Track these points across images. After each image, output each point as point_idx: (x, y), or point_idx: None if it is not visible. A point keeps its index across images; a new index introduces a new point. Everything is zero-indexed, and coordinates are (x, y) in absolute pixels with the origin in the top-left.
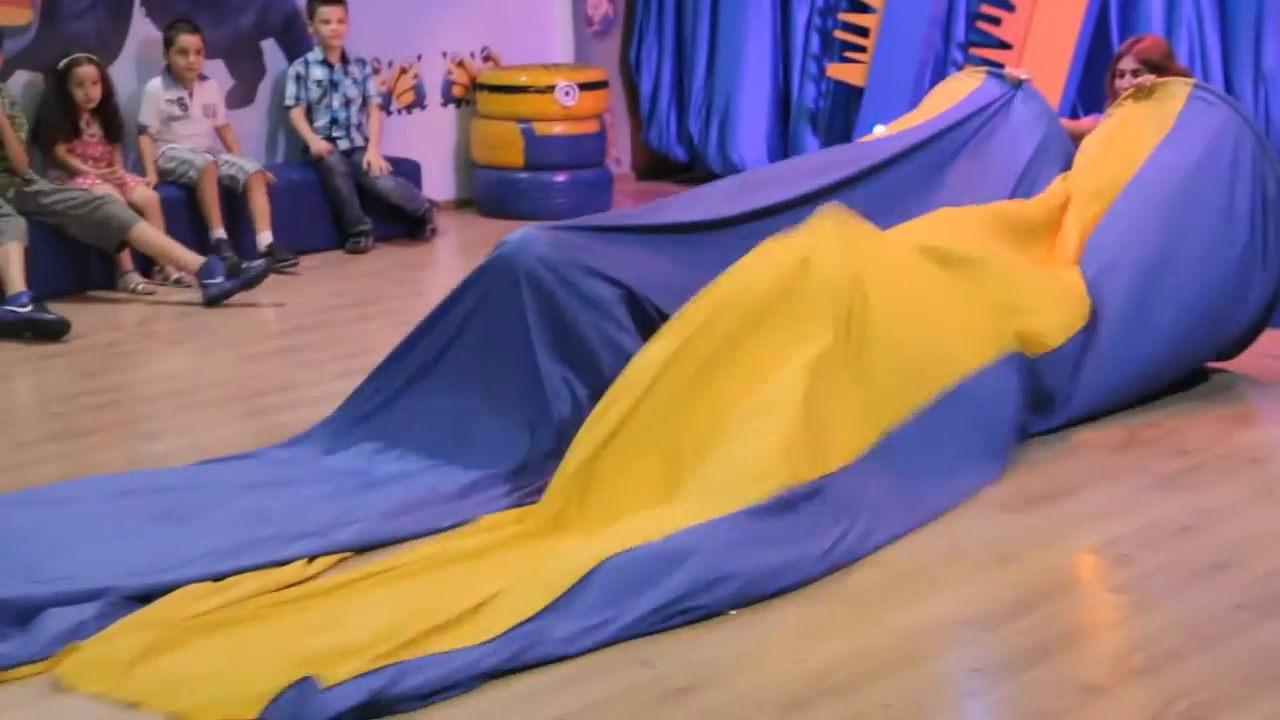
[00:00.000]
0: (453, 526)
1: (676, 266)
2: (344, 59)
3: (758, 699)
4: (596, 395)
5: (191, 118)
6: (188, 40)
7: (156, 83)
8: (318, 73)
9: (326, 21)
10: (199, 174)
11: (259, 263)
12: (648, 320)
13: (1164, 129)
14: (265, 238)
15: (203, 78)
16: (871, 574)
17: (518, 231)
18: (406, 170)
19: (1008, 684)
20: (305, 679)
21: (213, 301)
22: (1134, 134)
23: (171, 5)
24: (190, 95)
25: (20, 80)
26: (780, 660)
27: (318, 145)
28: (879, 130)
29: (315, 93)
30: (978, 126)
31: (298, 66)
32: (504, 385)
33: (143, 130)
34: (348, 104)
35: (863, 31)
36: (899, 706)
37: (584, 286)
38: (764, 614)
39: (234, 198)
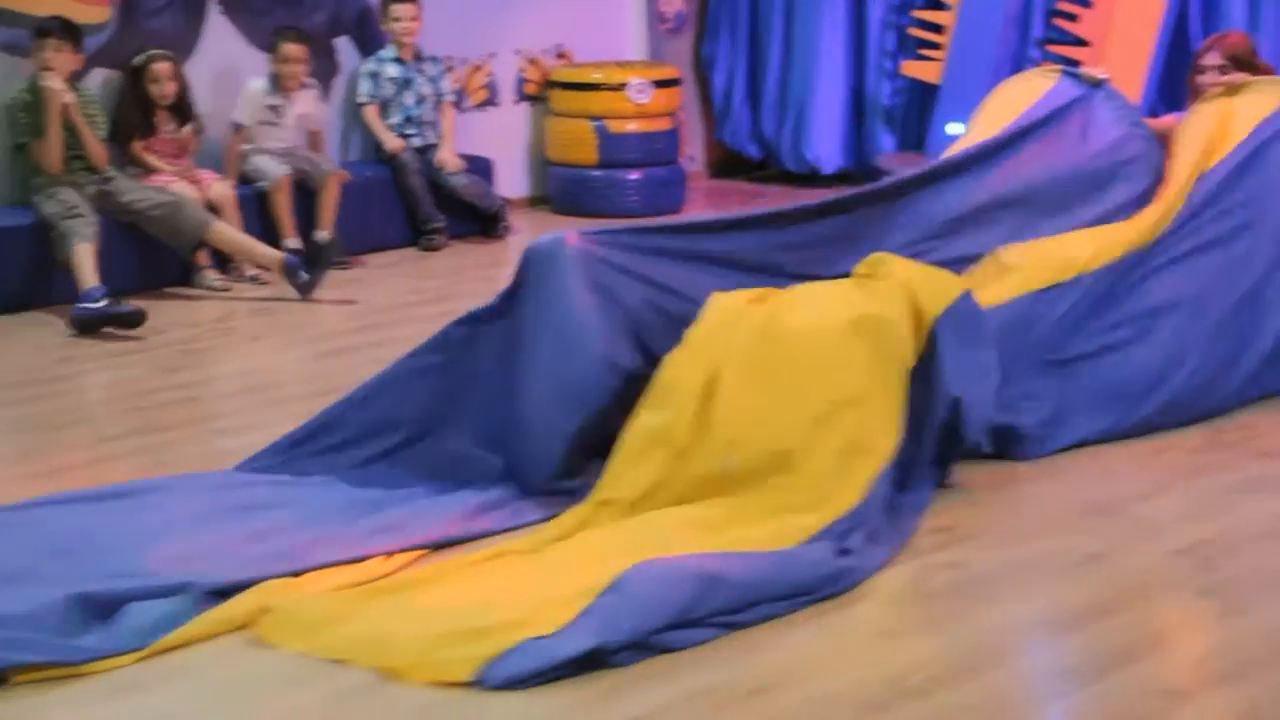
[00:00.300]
0: (530, 525)
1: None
2: (418, 56)
3: (834, 701)
4: (649, 362)
5: (283, 125)
6: (290, 49)
7: (259, 83)
8: (391, 70)
9: (399, 19)
10: (272, 184)
11: (318, 243)
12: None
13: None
14: (322, 237)
15: (304, 86)
16: (951, 576)
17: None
18: (480, 168)
19: (1090, 687)
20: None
21: (307, 290)
22: (1229, 130)
23: (246, 3)
24: (288, 103)
25: (98, 78)
26: (857, 662)
27: (392, 143)
28: (951, 129)
29: (389, 90)
30: (1055, 127)
31: (371, 64)
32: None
33: (237, 128)
34: (421, 101)
35: (938, 29)
36: (978, 709)
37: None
38: (840, 615)
39: (308, 194)
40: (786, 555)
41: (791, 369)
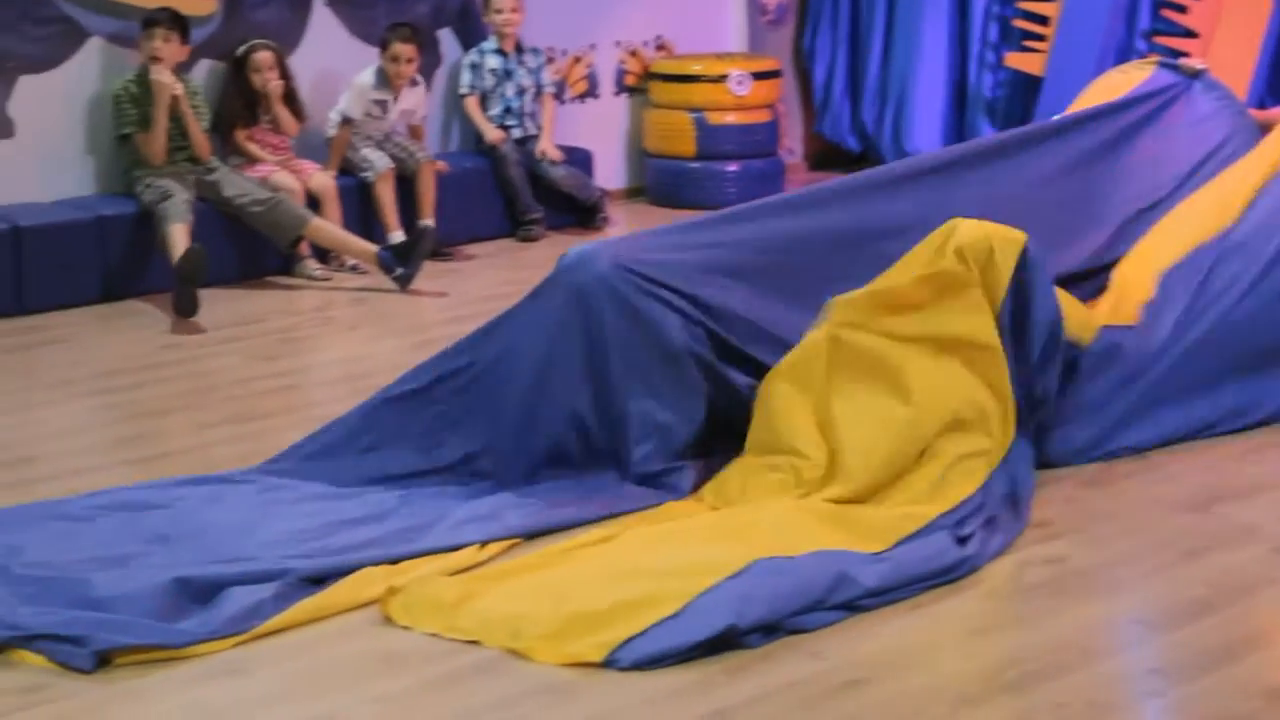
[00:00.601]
0: (621, 515)
1: (753, 295)
2: (519, 48)
3: (929, 694)
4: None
5: (387, 120)
6: (401, 49)
7: (368, 77)
8: (492, 61)
9: (500, 11)
10: (377, 176)
11: (414, 233)
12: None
13: None
14: (425, 224)
15: (414, 82)
16: (1046, 571)
17: (575, 250)
18: (578, 159)
19: (1187, 686)
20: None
21: (404, 282)
22: None
23: None
24: (394, 100)
25: (203, 69)
26: (952, 655)
27: (491, 134)
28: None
29: (490, 81)
30: (1143, 115)
31: (473, 55)
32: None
33: (346, 121)
34: (522, 93)
35: (1043, 20)
36: (1072, 705)
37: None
38: (936, 608)
39: (405, 182)
40: (909, 548)
41: (900, 392)
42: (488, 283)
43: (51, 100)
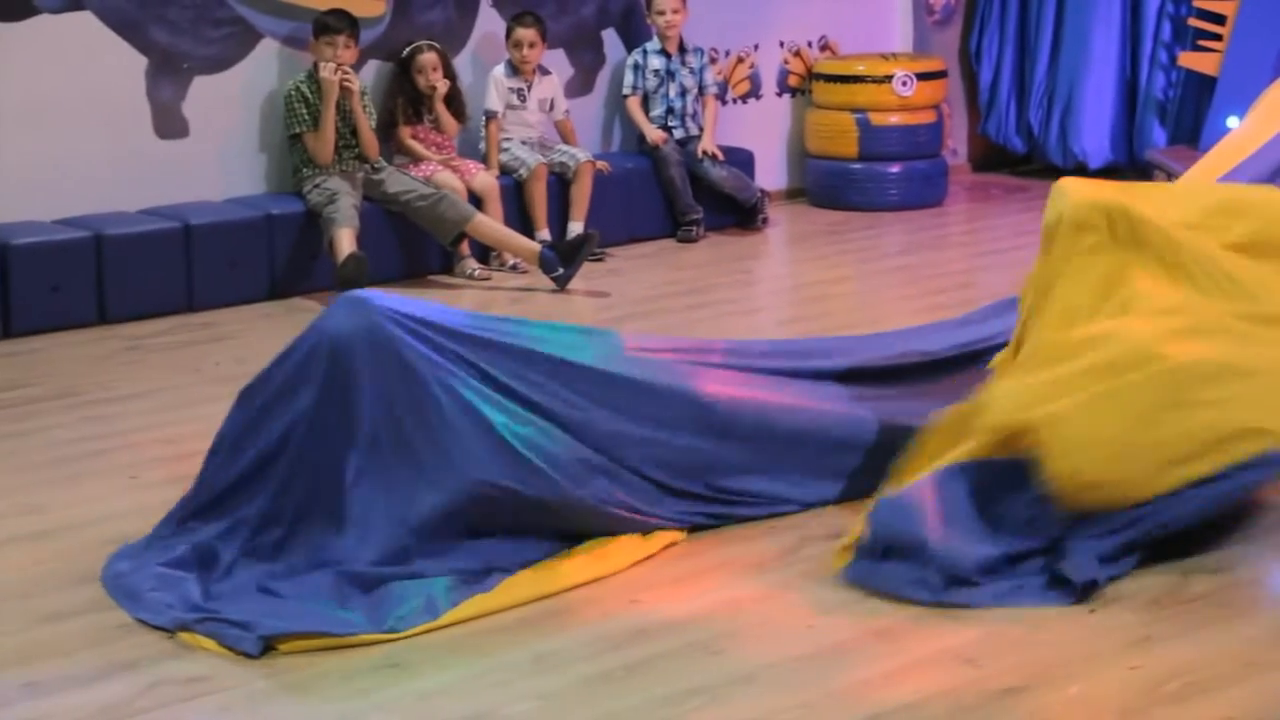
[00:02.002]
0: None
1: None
2: (682, 48)
3: (1089, 704)
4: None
5: (527, 109)
6: (522, 34)
7: (500, 69)
8: (655, 62)
9: (661, 12)
10: (529, 174)
11: (579, 235)
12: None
13: None
14: (575, 228)
15: (544, 72)
16: (1213, 581)
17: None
18: (739, 159)
19: None
20: None
21: (563, 282)
22: None
23: None
24: (528, 88)
25: (371, 69)
26: (1114, 665)
27: (653, 134)
28: (1232, 123)
29: (652, 82)
30: None
31: (636, 56)
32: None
33: (490, 116)
34: (684, 93)
35: (1219, 19)
36: (1238, 719)
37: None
38: (1098, 617)
39: (564, 185)
40: None
41: None
42: (647, 283)
43: (225, 100)
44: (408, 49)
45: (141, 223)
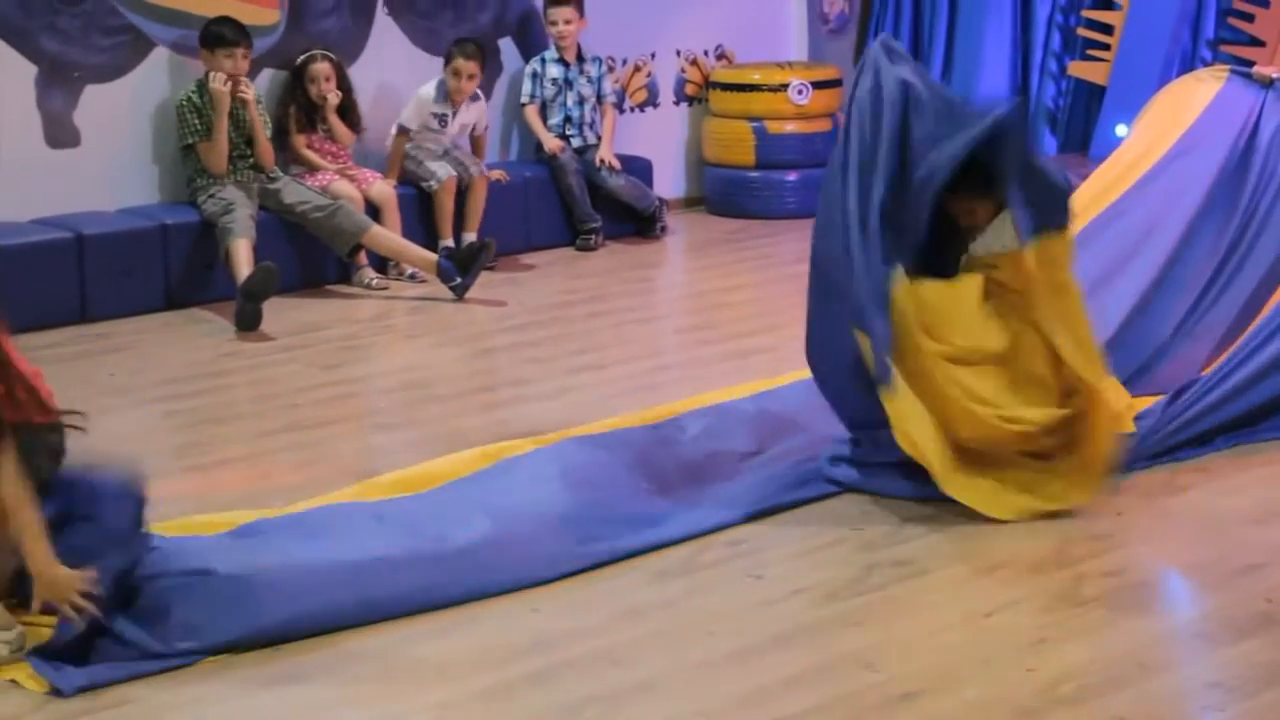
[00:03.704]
0: None
1: None
2: (580, 57)
3: (986, 707)
4: None
5: (446, 134)
6: (463, 65)
7: (429, 90)
8: (553, 71)
9: (554, 23)
10: (439, 186)
11: (474, 243)
12: None
13: None
14: (467, 238)
15: (474, 98)
16: (1106, 583)
17: None
18: (638, 168)
19: (1246, 702)
20: None
21: (461, 292)
22: None
23: (413, 4)
24: (453, 115)
25: (265, 78)
26: (1009, 668)
27: (551, 143)
28: (1121, 131)
29: (550, 91)
30: (1243, 144)
31: (534, 64)
32: None
33: (402, 130)
34: (582, 102)
35: (1107, 29)
36: (1131, 719)
37: None
38: (994, 620)
39: (460, 195)
40: None
41: None
42: (548, 291)
43: (117, 109)
44: (301, 57)
45: (33, 233)
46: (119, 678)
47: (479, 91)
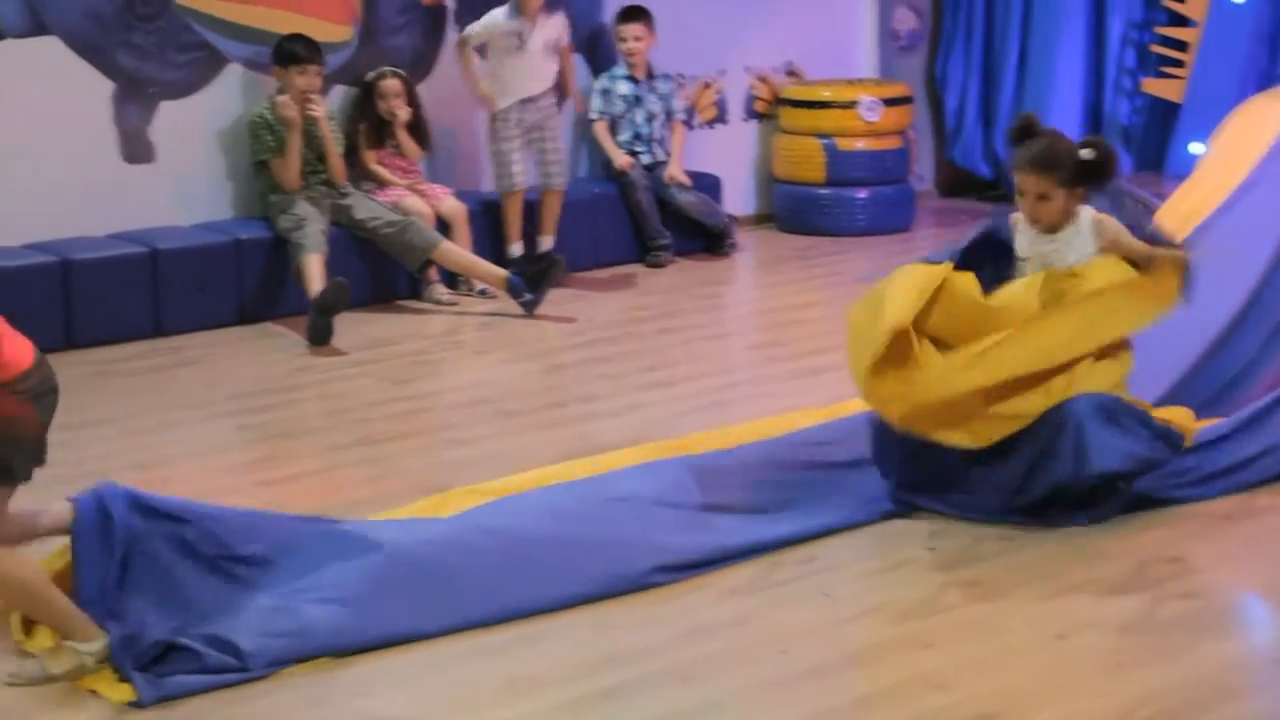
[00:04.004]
0: None
1: None
2: (650, 74)
3: None
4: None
5: (526, 53)
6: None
7: (500, 12)
8: (623, 88)
9: (624, 39)
10: (509, 189)
11: (544, 259)
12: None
13: None
14: (544, 242)
15: (549, 11)
16: (1183, 606)
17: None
18: (707, 185)
19: None
20: None
21: (531, 307)
22: None
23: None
24: (531, 30)
25: (338, 95)
26: (1085, 692)
27: (620, 159)
28: (1194, 148)
29: (619, 107)
30: None
31: (603, 81)
32: None
33: (463, 41)
34: (651, 119)
35: (1181, 46)
36: None
37: None
38: (1071, 643)
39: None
40: None
41: None
42: (618, 307)
43: (191, 125)
44: (372, 75)
45: (109, 247)
46: (195, 689)
47: (556, 10)
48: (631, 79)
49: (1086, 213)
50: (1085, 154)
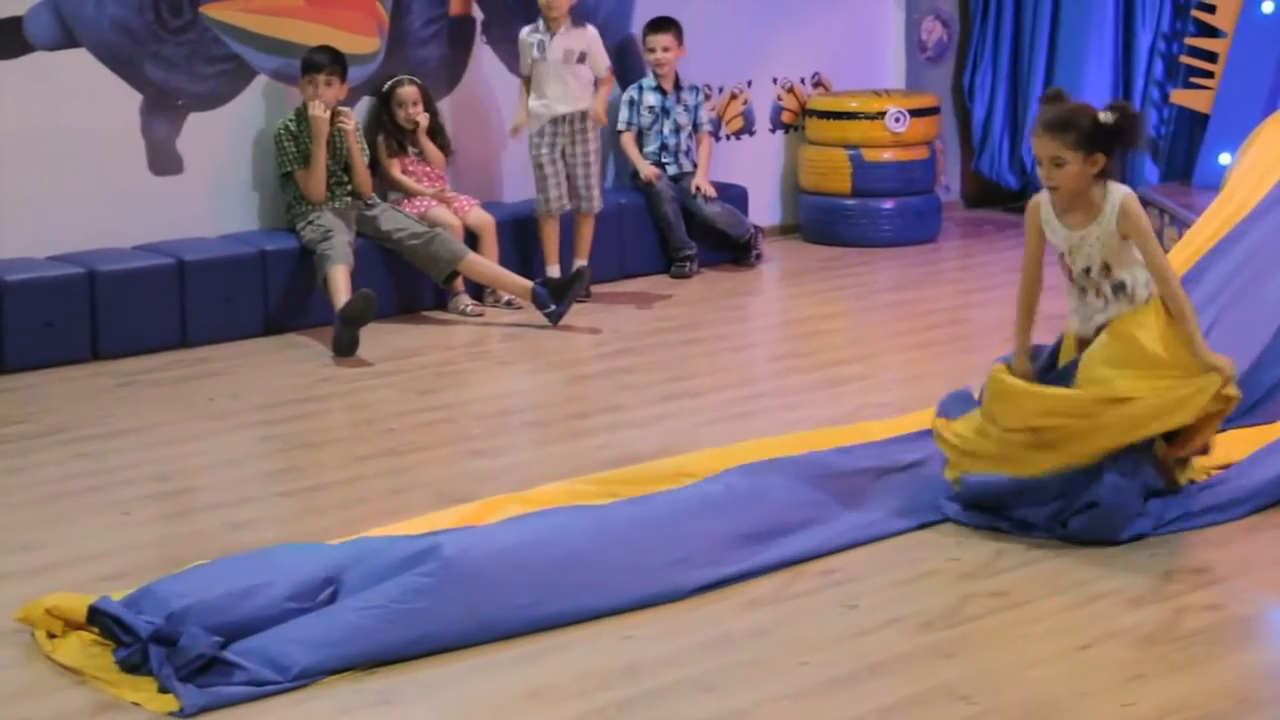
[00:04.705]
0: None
1: None
2: (677, 85)
3: None
4: None
5: (548, 60)
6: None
7: (526, 29)
8: (650, 99)
9: (652, 50)
10: (544, 213)
11: (572, 271)
12: None
13: None
14: (578, 263)
15: (576, 24)
16: (1206, 617)
17: None
18: (733, 195)
19: None
20: None
21: (555, 319)
22: None
23: (510, 31)
24: (550, 39)
25: (364, 106)
26: (1107, 703)
27: (646, 170)
28: (1224, 159)
29: (647, 119)
30: None
31: (631, 92)
32: None
33: (524, 79)
34: (678, 130)
35: (1210, 56)
36: None
37: None
38: (1092, 654)
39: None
40: None
41: None
42: (643, 318)
43: (218, 137)
44: (388, 83)
45: (135, 259)
46: (237, 699)
47: (586, 24)
48: (659, 90)
49: (1116, 193)
50: (1104, 116)
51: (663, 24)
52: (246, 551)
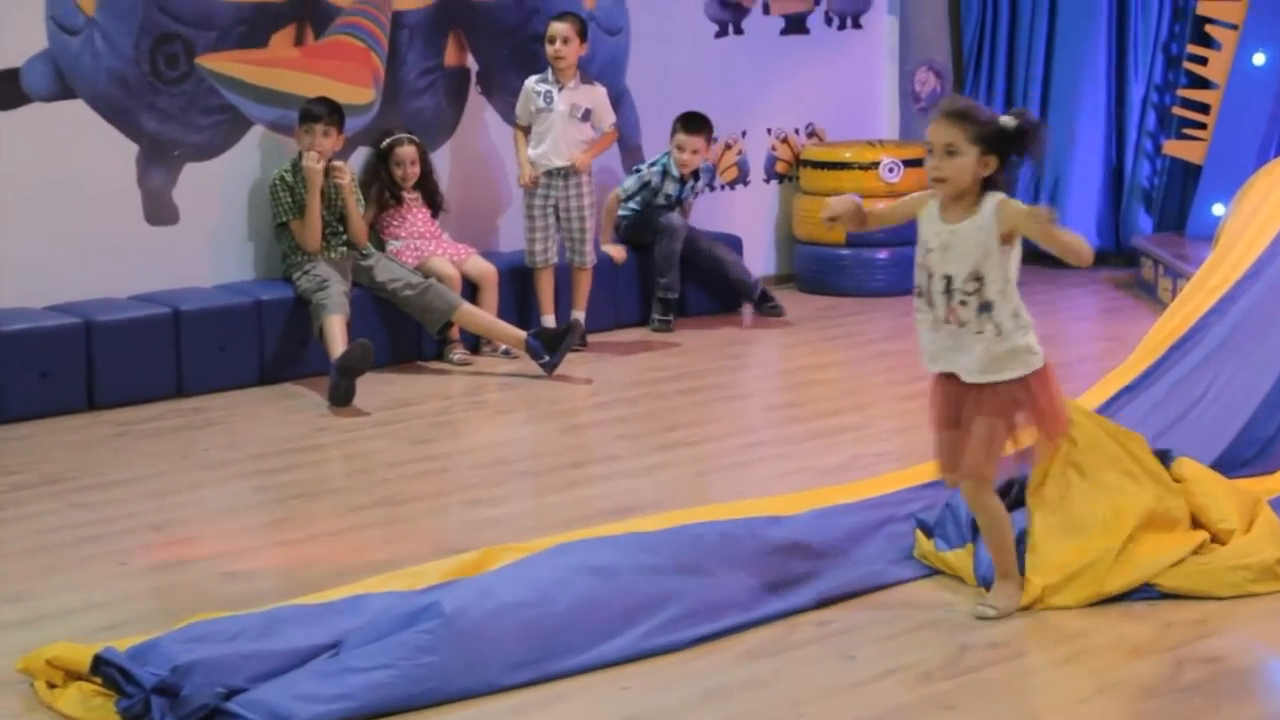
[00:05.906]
0: None
1: None
2: (696, 175)
3: None
4: None
5: (553, 111)
6: (557, 28)
7: (534, 78)
8: (670, 188)
9: (682, 149)
10: (537, 265)
11: (565, 323)
12: None
13: None
14: (575, 314)
15: (587, 81)
16: (1206, 669)
17: None
18: (728, 245)
19: None
20: None
21: (550, 369)
22: None
23: (506, 84)
24: (558, 91)
25: (360, 156)
26: None
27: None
28: (1218, 210)
29: (661, 202)
30: None
31: (652, 176)
32: None
33: (517, 126)
34: (678, 206)
35: (1203, 108)
36: None
37: None
38: (1092, 706)
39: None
40: None
41: None
42: (636, 368)
43: (214, 187)
44: (387, 140)
45: (131, 309)
46: None
47: (593, 80)
48: (680, 180)
49: (991, 200)
50: (1006, 120)
51: (698, 125)
52: (253, 611)
